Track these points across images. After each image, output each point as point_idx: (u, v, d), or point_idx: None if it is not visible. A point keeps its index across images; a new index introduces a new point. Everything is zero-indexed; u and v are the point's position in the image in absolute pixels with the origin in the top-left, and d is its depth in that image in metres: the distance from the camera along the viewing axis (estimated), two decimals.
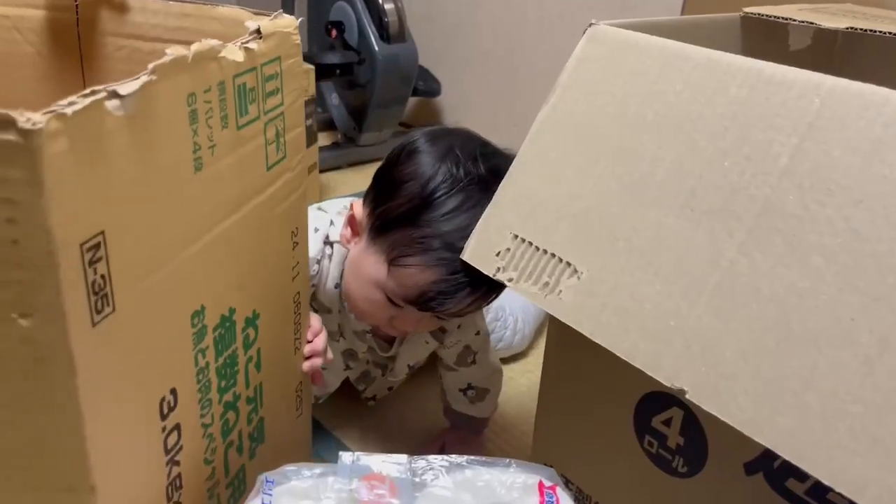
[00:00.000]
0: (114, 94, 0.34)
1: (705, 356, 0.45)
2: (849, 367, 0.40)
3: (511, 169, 0.59)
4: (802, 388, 0.41)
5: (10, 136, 0.31)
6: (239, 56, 0.44)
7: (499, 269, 0.56)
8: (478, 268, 0.58)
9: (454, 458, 0.49)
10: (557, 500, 0.47)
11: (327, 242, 0.71)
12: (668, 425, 0.58)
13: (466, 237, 0.59)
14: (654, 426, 0.59)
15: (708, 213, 0.48)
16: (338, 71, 1.59)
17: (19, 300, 0.34)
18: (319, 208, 0.76)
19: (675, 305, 0.47)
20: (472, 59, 1.81)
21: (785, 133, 0.46)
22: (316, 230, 0.71)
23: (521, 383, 0.97)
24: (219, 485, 0.52)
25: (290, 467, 0.48)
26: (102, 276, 0.36)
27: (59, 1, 0.59)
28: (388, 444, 0.85)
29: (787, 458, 0.41)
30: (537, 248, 0.54)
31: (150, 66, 0.37)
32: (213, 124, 0.43)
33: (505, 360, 1.01)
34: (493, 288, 0.64)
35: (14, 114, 0.31)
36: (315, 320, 0.63)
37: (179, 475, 0.46)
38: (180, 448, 0.46)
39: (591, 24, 0.59)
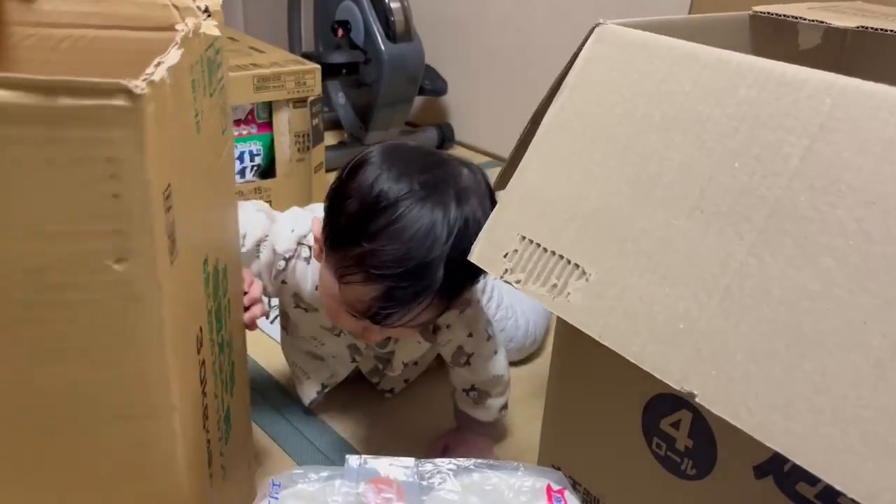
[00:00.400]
0: (166, 66, 0.39)
1: (715, 359, 0.45)
2: (860, 371, 0.40)
3: (519, 169, 0.59)
4: (814, 392, 0.41)
5: (120, 102, 0.35)
6: (216, 31, 0.49)
7: (506, 270, 0.55)
8: (485, 269, 0.58)
9: (462, 461, 0.49)
10: None
11: (302, 244, 0.74)
12: (677, 428, 0.58)
13: (404, 249, 0.61)
14: (663, 428, 0.59)
15: (717, 215, 0.47)
16: (344, 70, 1.59)
17: (116, 248, 0.38)
18: (313, 211, 0.77)
19: (684, 308, 0.47)
20: (479, 57, 1.81)
21: (796, 134, 0.45)
22: (292, 230, 0.74)
23: (529, 384, 0.97)
24: (220, 419, 0.57)
25: (297, 470, 0.48)
26: (172, 223, 0.41)
27: None
28: (394, 443, 0.85)
29: (799, 463, 0.40)
30: (545, 250, 0.54)
31: (178, 38, 0.42)
32: (201, 92, 0.47)
33: (514, 362, 1.01)
34: (448, 293, 0.65)
35: (125, 81, 0.35)
36: (246, 273, 0.66)
37: (206, 406, 0.52)
38: (205, 381, 0.51)
39: (598, 24, 0.58)
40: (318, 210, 0.75)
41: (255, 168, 1.35)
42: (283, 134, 1.34)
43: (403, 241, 0.61)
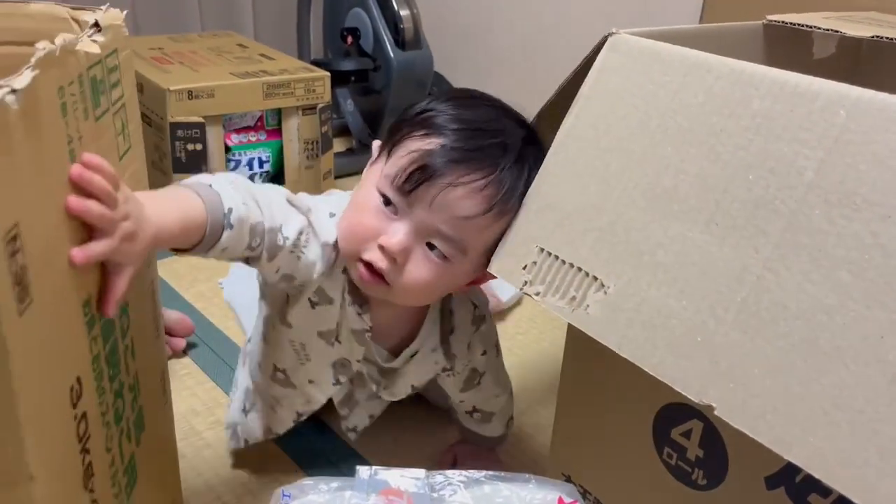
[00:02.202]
0: (10, 89, 0.34)
1: (733, 373, 0.45)
2: (877, 385, 0.40)
3: (536, 180, 0.59)
4: (831, 407, 0.40)
5: None
6: (95, 48, 0.44)
7: (526, 282, 0.55)
8: (505, 281, 0.57)
9: (472, 473, 0.49)
10: None
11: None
12: (688, 437, 0.58)
13: (472, 116, 0.62)
14: (674, 438, 0.59)
15: (733, 228, 0.47)
16: (353, 77, 1.59)
17: None
18: (329, 194, 0.74)
19: (701, 321, 0.47)
20: (488, 64, 1.81)
21: (810, 146, 0.45)
22: (332, 215, 0.66)
23: (538, 393, 0.96)
24: (118, 472, 0.52)
25: (307, 481, 0.48)
26: (22, 267, 0.36)
27: None
28: (403, 453, 0.85)
29: (817, 476, 0.40)
30: (563, 262, 0.54)
31: (32, 59, 0.37)
32: (78, 116, 0.42)
33: (523, 367, 1.00)
34: (503, 199, 0.60)
35: None
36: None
37: (91, 463, 0.46)
38: (89, 436, 0.46)
39: (611, 33, 0.58)
40: (334, 193, 0.74)
41: (264, 175, 1.36)
42: (292, 141, 1.34)
43: (476, 110, 0.63)
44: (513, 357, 1.03)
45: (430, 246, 0.61)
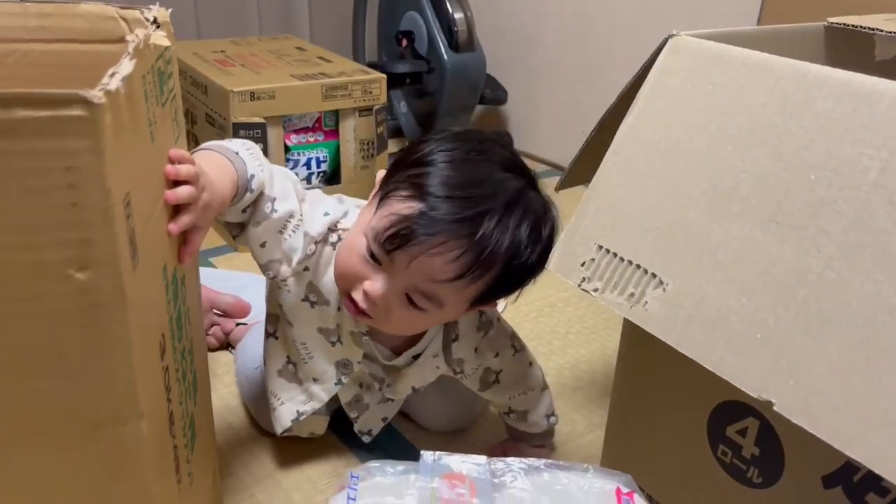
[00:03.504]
0: (120, 76, 0.39)
1: (793, 370, 0.45)
2: None
3: (595, 180, 0.60)
4: (894, 406, 0.41)
5: (78, 112, 0.36)
6: (165, 42, 0.49)
7: (584, 279, 0.57)
8: (562, 278, 0.59)
9: (532, 461, 0.50)
10: None
11: (333, 230, 0.70)
12: (744, 435, 0.58)
13: (458, 179, 0.61)
14: (729, 436, 0.59)
15: (795, 228, 0.48)
16: (407, 80, 1.62)
17: (78, 256, 0.39)
18: (340, 200, 0.74)
19: (761, 319, 0.47)
20: (540, 67, 1.82)
21: (874, 146, 0.46)
22: (326, 214, 0.70)
23: (591, 392, 0.97)
24: (185, 426, 0.57)
25: (373, 464, 0.50)
26: (133, 230, 0.41)
27: None
28: (456, 450, 0.86)
29: (879, 473, 0.40)
30: (622, 260, 0.55)
31: (130, 50, 0.42)
32: (152, 102, 0.47)
33: (575, 367, 1.01)
34: (480, 266, 0.61)
35: (82, 91, 0.35)
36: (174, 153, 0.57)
37: (171, 413, 0.51)
38: (170, 388, 0.51)
39: (671, 35, 0.59)
40: (345, 199, 0.75)
41: (321, 174, 1.39)
42: (349, 141, 1.37)
43: (458, 174, 0.61)
44: (565, 356, 1.04)
45: (409, 298, 0.63)
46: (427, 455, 0.50)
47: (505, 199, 0.61)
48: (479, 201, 0.60)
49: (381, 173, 0.68)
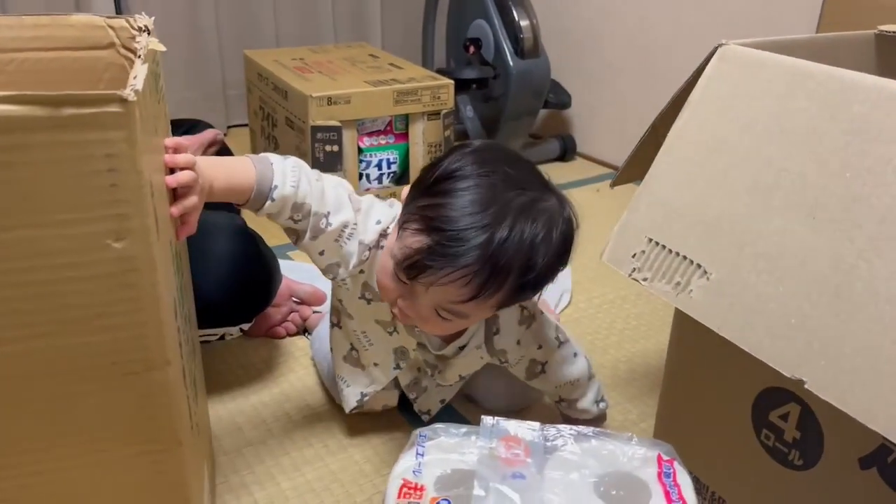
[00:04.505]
0: (142, 78, 0.46)
1: (825, 351, 0.49)
2: None
3: (646, 178, 0.65)
4: None
5: (115, 108, 0.43)
6: (161, 47, 0.56)
7: (634, 269, 0.62)
8: (615, 268, 0.64)
9: (581, 428, 0.56)
10: (674, 473, 0.53)
11: (384, 235, 0.76)
12: (786, 420, 0.62)
13: (458, 214, 0.64)
14: (772, 420, 0.63)
15: (830, 221, 0.52)
16: (474, 85, 1.69)
17: (116, 229, 0.47)
18: (391, 205, 0.79)
19: (797, 305, 0.51)
20: (603, 72, 1.86)
21: None
22: (378, 222, 0.75)
23: (644, 383, 1.01)
24: (191, 382, 0.64)
25: (440, 425, 0.56)
26: (154, 206, 0.49)
27: None
28: None
29: None
30: (670, 251, 0.60)
31: (140, 54, 0.50)
32: (154, 100, 0.53)
33: (630, 360, 1.05)
34: (486, 288, 0.65)
35: (119, 91, 0.43)
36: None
37: (183, 367, 0.58)
38: (181, 344, 0.58)
39: (720, 45, 0.63)
40: (395, 204, 0.80)
41: (392, 175, 1.47)
42: (418, 144, 1.45)
43: (461, 207, 0.65)
44: (621, 350, 1.09)
45: (438, 313, 0.69)
46: (487, 419, 0.56)
47: (511, 217, 0.65)
48: (484, 229, 0.64)
49: (405, 191, 0.73)
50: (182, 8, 1.79)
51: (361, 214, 0.74)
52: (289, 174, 0.68)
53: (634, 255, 0.63)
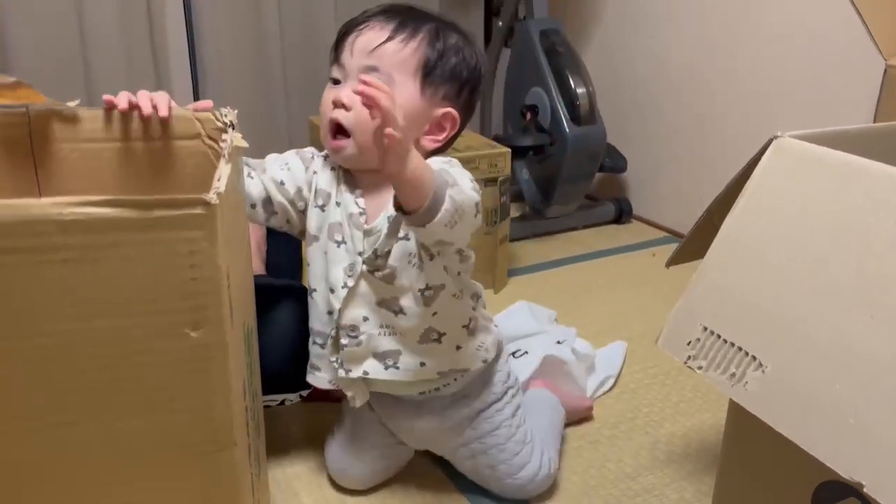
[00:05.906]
0: (226, 178, 0.52)
1: (882, 453, 0.49)
2: None
3: (703, 265, 0.66)
4: None
5: (199, 210, 0.49)
6: (244, 143, 0.62)
7: (689, 357, 0.62)
8: (669, 354, 0.64)
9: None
10: None
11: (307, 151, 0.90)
12: None
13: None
14: None
15: (888, 320, 0.52)
16: (531, 151, 1.72)
17: (194, 319, 0.51)
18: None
19: (854, 405, 0.51)
20: (659, 137, 1.87)
21: None
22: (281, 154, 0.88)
23: (698, 462, 1.00)
24: (256, 458, 0.66)
25: None
26: (230, 298, 0.53)
27: (11, 119, 0.69)
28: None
29: None
30: (725, 341, 0.60)
31: (225, 153, 0.56)
32: (235, 191, 0.57)
33: (686, 435, 1.04)
34: (404, 28, 0.81)
35: (203, 195, 0.48)
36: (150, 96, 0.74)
37: (249, 445, 0.62)
38: (248, 424, 0.61)
39: (774, 137, 0.65)
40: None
41: None
42: None
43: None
44: (676, 424, 1.07)
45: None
46: None
47: (443, 22, 0.84)
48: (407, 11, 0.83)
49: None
50: (250, 81, 1.88)
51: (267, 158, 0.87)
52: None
53: (689, 342, 0.64)
